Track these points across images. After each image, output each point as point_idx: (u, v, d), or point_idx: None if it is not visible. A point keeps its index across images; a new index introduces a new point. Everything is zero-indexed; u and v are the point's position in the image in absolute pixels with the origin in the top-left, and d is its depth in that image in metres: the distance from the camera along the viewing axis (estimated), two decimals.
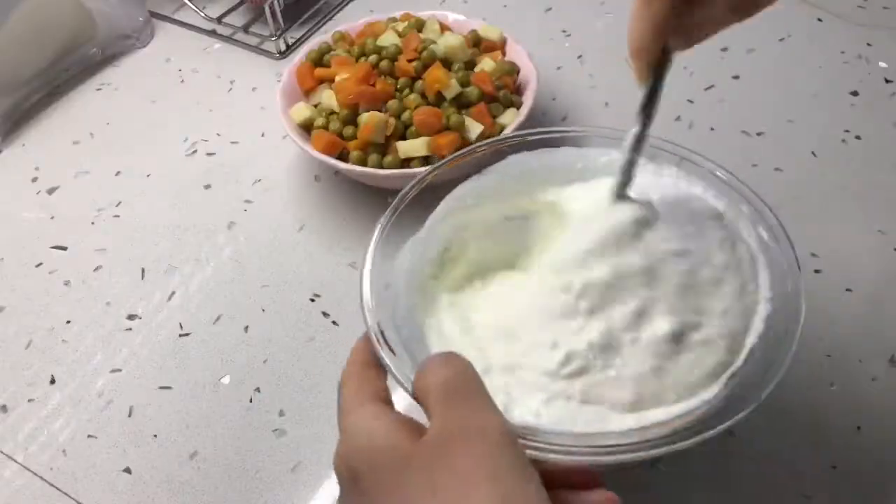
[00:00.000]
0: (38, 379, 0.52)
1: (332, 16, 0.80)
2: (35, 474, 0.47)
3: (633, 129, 0.39)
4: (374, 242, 0.41)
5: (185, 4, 0.81)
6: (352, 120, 0.58)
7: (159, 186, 0.64)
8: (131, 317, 0.55)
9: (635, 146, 0.39)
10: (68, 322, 0.55)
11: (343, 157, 0.58)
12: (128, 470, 0.47)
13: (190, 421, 0.49)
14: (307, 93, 0.63)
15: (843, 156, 0.62)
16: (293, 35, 0.78)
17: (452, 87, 0.57)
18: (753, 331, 0.39)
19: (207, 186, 0.64)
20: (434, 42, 0.61)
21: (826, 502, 0.44)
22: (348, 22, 0.68)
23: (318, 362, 0.52)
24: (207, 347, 0.53)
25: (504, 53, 0.64)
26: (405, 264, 0.42)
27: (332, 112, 0.59)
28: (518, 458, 0.27)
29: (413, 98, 0.58)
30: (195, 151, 0.67)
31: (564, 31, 0.76)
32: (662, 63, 0.37)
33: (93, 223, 0.62)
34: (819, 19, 0.74)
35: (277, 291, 0.56)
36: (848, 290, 0.53)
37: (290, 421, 0.49)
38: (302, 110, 0.60)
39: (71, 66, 0.74)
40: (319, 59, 0.63)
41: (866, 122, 0.64)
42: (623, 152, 0.40)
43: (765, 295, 0.40)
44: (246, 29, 0.78)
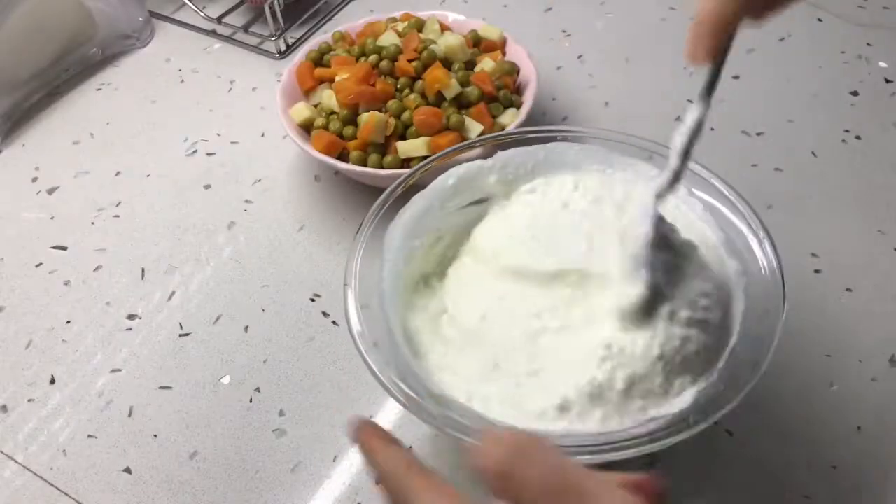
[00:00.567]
0: (38, 379, 0.52)
1: (332, 16, 0.80)
2: (35, 474, 0.47)
3: (693, 114, 0.36)
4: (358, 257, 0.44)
5: (185, 4, 0.81)
6: (352, 120, 0.58)
7: (159, 186, 0.64)
8: (131, 317, 0.55)
9: (695, 133, 0.37)
10: (68, 322, 0.55)
11: (343, 157, 0.58)
12: (128, 470, 0.47)
13: (190, 421, 0.49)
14: (307, 93, 0.63)
15: (843, 156, 0.62)
16: (293, 35, 0.78)
17: (452, 87, 0.57)
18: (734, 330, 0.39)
19: (207, 186, 0.64)
20: (434, 42, 0.61)
21: (826, 502, 0.44)
22: (348, 22, 0.68)
23: (318, 362, 0.52)
24: (207, 347, 0.53)
25: (504, 53, 0.64)
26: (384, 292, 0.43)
27: (332, 112, 0.59)
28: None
29: (413, 98, 0.58)
30: (195, 151, 0.67)
31: (564, 31, 0.76)
32: (730, 40, 0.34)
33: (93, 223, 0.62)
34: (819, 19, 0.74)
35: (277, 291, 0.56)
36: (848, 290, 0.53)
37: (290, 421, 0.49)
38: (302, 110, 0.60)
39: (71, 66, 0.74)
40: (319, 59, 0.63)
41: (866, 122, 0.64)
42: (680, 141, 0.37)
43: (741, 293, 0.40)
44: (246, 29, 0.78)
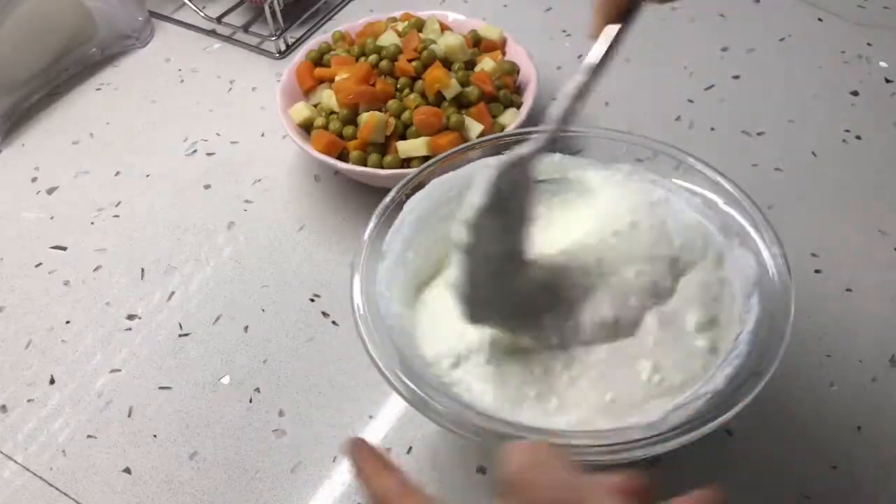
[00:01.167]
0: (37, 379, 0.52)
1: (332, 16, 0.80)
2: (35, 474, 0.47)
3: (574, 82, 0.38)
4: (364, 255, 0.42)
5: (185, 4, 0.81)
6: (352, 120, 0.58)
7: (159, 186, 0.64)
8: (131, 317, 0.55)
9: (574, 100, 0.38)
10: (68, 322, 0.55)
11: (343, 157, 0.58)
12: (128, 470, 0.47)
13: (190, 421, 0.49)
14: (307, 92, 0.63)
15: (843, 156, 0.62)
16: (293, 35, 0.78)
17: (452, 87, 0.57)
18: (745, 327, 0.39)
19: (207, 186, 0.64)
20: (434, 42, 0.61)
21: (826, 502, 0.44)
22: (348, 22, 0.68)
23: (318, 362, 0.52)
24: (207, 347, 0.53)
25: (504, 53, 0.64)
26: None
27: (332, 112, 0.59)
28: None
29: (413, 98, 0.57)
30: (195, 151, 0.67)
31: (564, 31, 0.76)
32: (628, 17, 0.35)
33: (92, 223, 0.62)
34: (819, 19, 0.74)
35: (277, 291, 0.56)
36: (848, 290, 0.53)
37: (290, 421, 0.49)
38: (302, 110, 0.60)
39: (71, 66, 0.74)
40: (319, 59, 0.63)
41: (866, 122, 0.64)
42: (563, 100, 0.38)
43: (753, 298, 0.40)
44: (246, 29, 0.78)
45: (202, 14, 0.79)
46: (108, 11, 0.76)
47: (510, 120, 0.58)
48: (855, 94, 0.67)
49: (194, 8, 0.80)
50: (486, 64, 0.61)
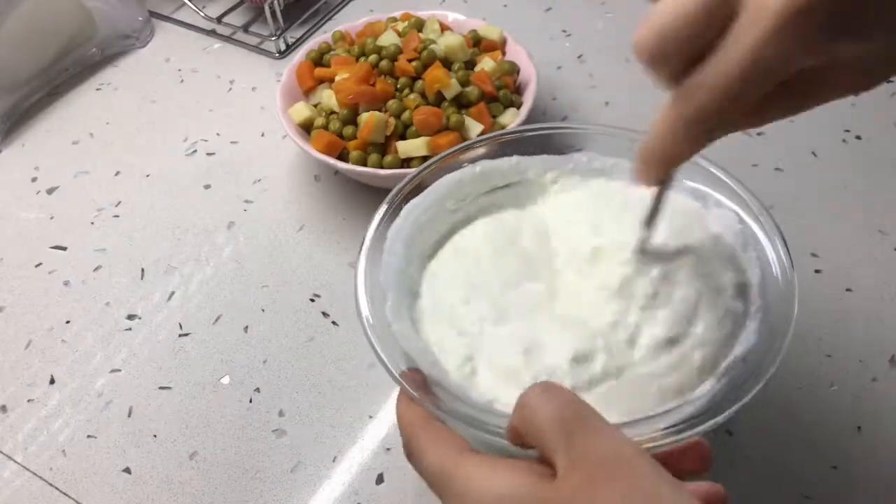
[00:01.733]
0: (37, 379, 0.52)
1: (332, 15, 0.80)
2: (35, 474, 0.47)
3: (640, 236, 0.37)
4: (366, 250, 0.41)
5: (185, 4, 0.81)
6: (352, 120, 0.58)
7: (159, 186, 0.64)
8: (131, 317, 0.55)
9: (639, 255, 0.38)
10: (68, 322, 0.55)
11: (343, 157, 0.58)
12: (128, 470, 0.47)
13: (190, 421, 0.49)
14: (307, 93, 0.63)
15: (843, 156, 0.62)
16: (293, 35, 0.78)
17: (452, 87, 0.57)
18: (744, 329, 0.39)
19: (207, 186, 0.64)
20: (434, 42, 0.61)
21: (826, 502, 0.44)
22: (348, 22, 0.68)
23: (318, 362, 0.52)
24: (207, 347, 0.53)
25: (504, 53, 0.64)
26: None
27: (332, 112, 0.59)
28: (664, 476, 0.24)
29: (413, 98, 0.57)
30: (195, 151, 0.67)
31: (564, 31, 0.76)
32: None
33: (92, 223, 0.62)
34: None
35: (277, 291, 0.56)
36: (848, 290, 0.53)
37: (290, 421, 0.49)
38: (302, 110, 0.60)
39: (71, 66, 0.74)
40: (319, 59, 0.63)
41: (866, 122, 0.64)
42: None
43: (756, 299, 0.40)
44: (246, 29, 0.78)
45: (202, 14, 0.79)
46: (108, 11, 0.76)
47: (510, 120, 0.58)
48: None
49: (194, 8, 0.80)
50: (486, 64, 0.61)
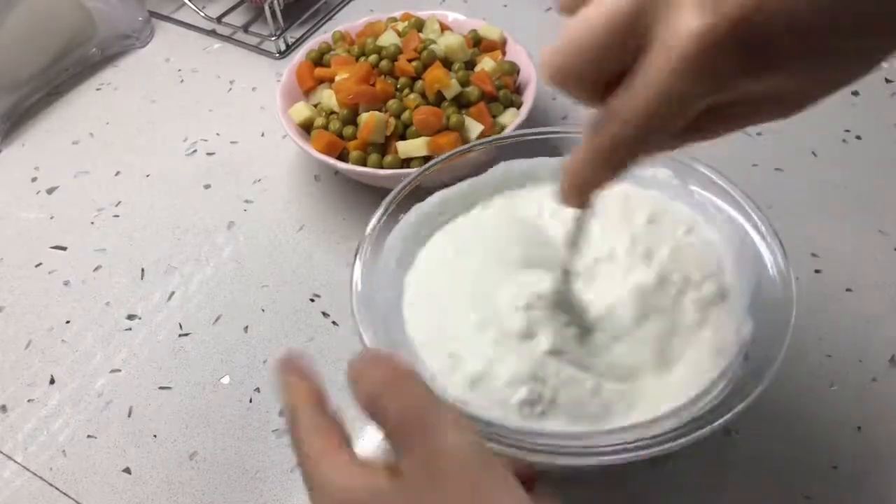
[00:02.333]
0: (37, 379, 0.52)
1: (332, 15, 0.80)
2: (35, 474, 0.47)
3: (563, 258, 0.38)
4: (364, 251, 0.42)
5: (185, 4, 0.81)
6: (352, 120, 0.58)
7: (159, 186, 0.64)
8: (131, 317, 0.55)
9: (564, 280, 0.38)
10: (68, 322, 0.55)
11: (343, 157, 0.58)
12: (128, 470, 0.47)
13: (190, 421, 0.49)
14: (307, 93, 0.63)
15: (843, 156, 0.62)
16: (293, 35, 0.78)
17: (452, 87, 0.57)
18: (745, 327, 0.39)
19: (207, 186, 0.64)
20: (434, 42, 0.61)
21: (826, 502, 0.44)
22: (348, 22, 0.68)
23: (318, 362, 0.51)
24: (207, 347, 0.53)
25: (504, 53, 0.64)
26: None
27: (332, 112, 0.59)
28: (497, 472, 0.26)
29: (413, 98, 0.57)
30: (195, 151, 0.67)
31: None
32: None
33: (92, 223, 0.62)
34: None
35: (277, 291, 0.56)
36: (848, 290, 0.53)
37: None
38: (302, 110, 0.60)
39: (70, 66, 0.74)
40: (319, 59, 0.63)
41: (866, 122, 0.64)
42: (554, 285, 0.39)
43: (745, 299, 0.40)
44: (246, 29, 0.78)
45: (202, 14, 0.79)
46: (108, 11, 0.76)
47: (510, 120, 0.58)
48: (855, 94, 0.67)
49: (194, 8, 0.80)
50: (486, 64, 0.61)
